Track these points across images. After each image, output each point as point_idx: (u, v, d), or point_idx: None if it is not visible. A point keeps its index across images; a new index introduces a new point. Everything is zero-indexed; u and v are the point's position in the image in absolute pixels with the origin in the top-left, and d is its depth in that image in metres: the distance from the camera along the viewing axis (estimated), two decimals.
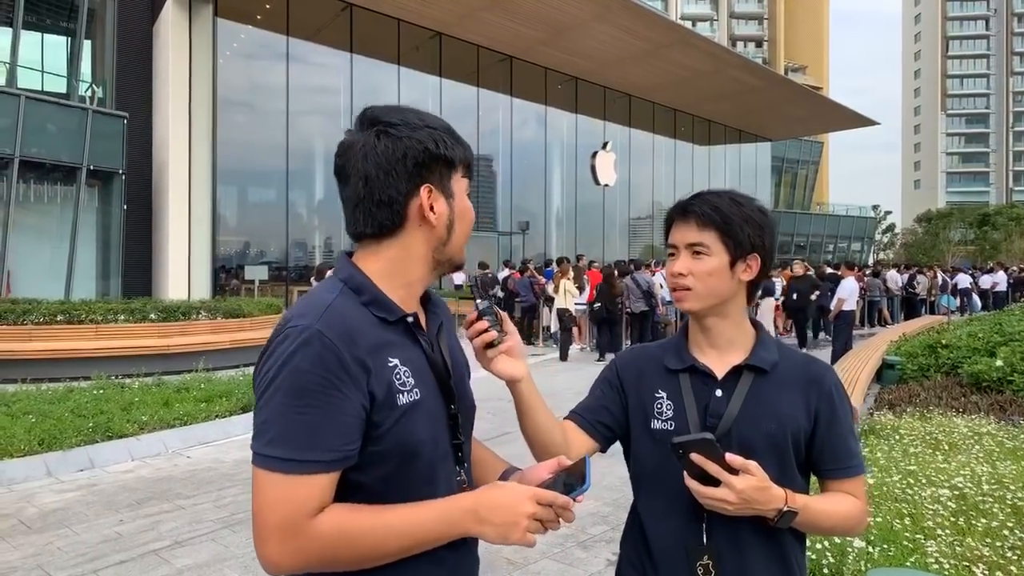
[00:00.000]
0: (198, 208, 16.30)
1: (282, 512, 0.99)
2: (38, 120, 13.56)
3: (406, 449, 1.07)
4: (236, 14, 17.33)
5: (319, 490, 1.01)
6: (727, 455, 1.20)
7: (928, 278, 20.64)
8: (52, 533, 4.22)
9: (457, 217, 1.17)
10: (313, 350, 1.01)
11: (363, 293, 1.12)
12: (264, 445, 1.00)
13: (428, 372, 1.14)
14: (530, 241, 24.58)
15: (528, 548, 1.21)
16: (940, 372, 8.05)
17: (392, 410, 1.06)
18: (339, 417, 1.01)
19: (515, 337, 1.22)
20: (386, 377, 1.06)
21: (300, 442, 0.99)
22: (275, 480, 0.99)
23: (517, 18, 19.58)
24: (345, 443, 1.02)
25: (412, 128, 1.12)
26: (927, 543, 3.13)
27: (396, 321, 1.12)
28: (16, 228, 13.64)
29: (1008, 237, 46.25)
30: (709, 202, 1.35)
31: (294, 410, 0.99)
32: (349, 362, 1.02)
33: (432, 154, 1.12)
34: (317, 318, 1.04)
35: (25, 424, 5.77)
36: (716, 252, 1.34)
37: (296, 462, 0.99)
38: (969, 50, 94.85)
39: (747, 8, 77.85)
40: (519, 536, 1.03)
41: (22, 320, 9.51)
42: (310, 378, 1.00)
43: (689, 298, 1.36)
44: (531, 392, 1.27)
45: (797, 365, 1.38)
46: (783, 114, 30.36)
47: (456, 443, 1.17)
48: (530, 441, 1.32)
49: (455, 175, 1.17)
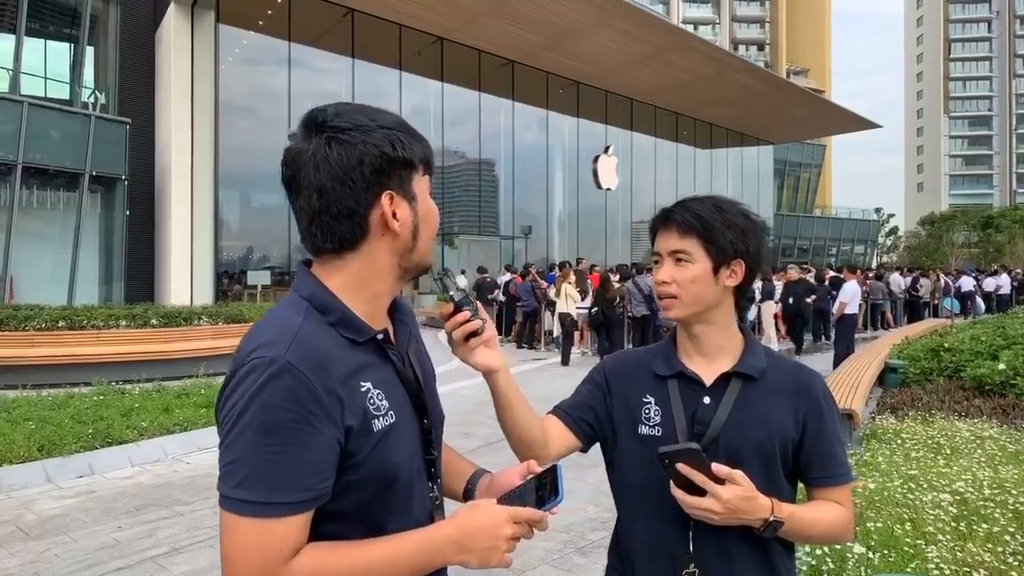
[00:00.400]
0: (200, 213, 16.34)
1: (257, 559, 0.92)
2: (41, 126, 13.61)
3: (385, 475, 1.03)
4: (238, 20, 17.40)
5: (294, 532, 0.94)
6: (713, 465, 1.19)
7: (931, 281, 20.57)
8: (50, 540, 4.21)
9: (422, 221, 1.09)
10: (284, 384, 0.93)
11: (329, 312, 1.04)
12: (233, 488, 0.92)
13: (400, 389, 1.09)
14: (532, 245, 24.59)
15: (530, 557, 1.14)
16: (943, 375, 8.01)
17: (368, 437, 1.00)
18: (313, 455, 0.94)
19: (491, 327, 1.20)
20: (360, 404, 1.00)
21: (273, 483, 0.92)
22: (247, 525, 0.92)
23: (519, 23, 19.63)
24: (320, 480, 0.95)
25: (365, 131, 1.03)
26: (928, 549, 3.11)
27: (366, 341, 1.05)
28: (19, 234, 13.69)
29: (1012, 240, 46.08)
30: (690, 209, 1.35)
31: (265, 449, 0.92)
32: (322, 395, 0.95)
33: (390, 158, 1.03)
34: (286, 347, 0.96)
35: (25, 430, 5.77)
36: (699, 259, 1.33)
37: (270, 504, 0.92)
38: (971, 52, 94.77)
39: (749, 12, 77.96)
40: (499, 559, 1.01)
41: (24, 326, 9.52)
42: (281, 414, 0.92)
43: (675, 306, 1.36)
44: (508, 383, 1.25)
45: (786, 372, 1.37)
46: (785, 117, 30.34)
47: (429, 458, 1.13)
48: (508, 435, 1.31)
49: (415, 175, 1.08)
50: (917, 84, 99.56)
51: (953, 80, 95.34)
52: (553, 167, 25.81)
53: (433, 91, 21.46)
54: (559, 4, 18.46)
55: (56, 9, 16.48)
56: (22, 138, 13.10)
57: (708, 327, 1.37)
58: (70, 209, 14.56)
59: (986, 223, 50.62)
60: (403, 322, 1.18)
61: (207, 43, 16.54)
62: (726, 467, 1.19)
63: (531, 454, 1.31)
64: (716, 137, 32.26)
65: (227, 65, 17.23)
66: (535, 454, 1.31)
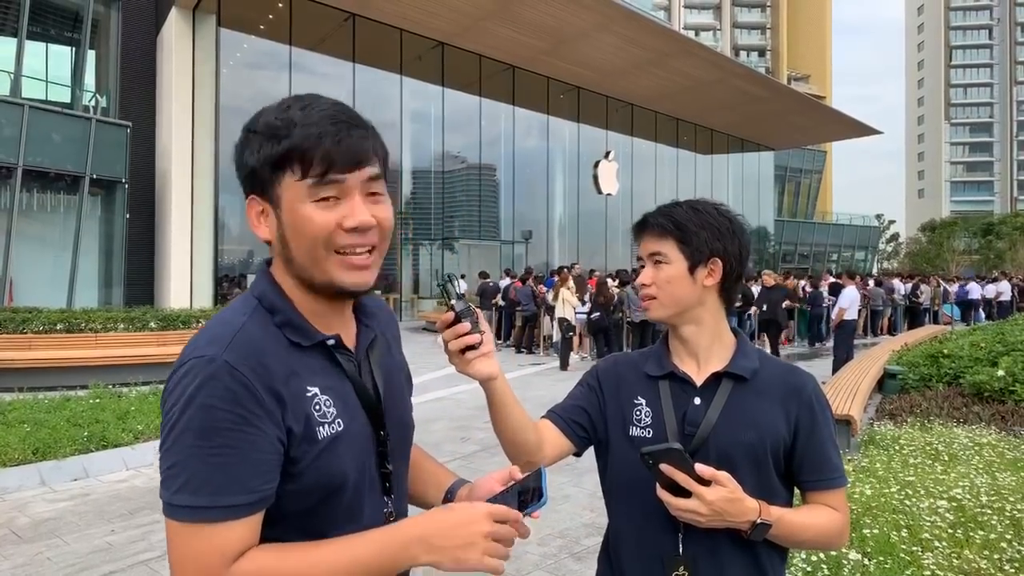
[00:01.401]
0: (200, 217, 16.36)
1: (202, 565, 0.89)
2: (42, 129, 13.64)
3: (329, 484, 0.98)
4: (239, 24, 17.45)
5: (238, 536, 0.90)
6: (697, 465, 1.18)
7: (931, 287, 20.55)
8: (43, 543, 4.19)
9: (288, 229, 0.97)
10: (221, 384, 0.90)
11: (276, 313, 1.00)
12: (175, 493, 0.89)
13: (353, 398, 1.03)
14: (533, 250, 24.59)
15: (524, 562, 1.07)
16: (942, 382, 7.99)
17: (312, 444, 0.96)
18: (255, 455, 0.91)
19: (490, 338, 1.19)
20: (304, 408, 0.96)
21: (214, 487, 0.89)
22: (190, 531, 0.89)
23: (520, 28, 19.67)
24: (264, 482, 0.92)
25: (245, 133, 1.00)
26: (924, 555, 3.09)
27: (313, 345, 1.01)
28: (19, 237, 13.70)
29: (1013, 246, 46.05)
30: (665, 212, 1.38)
31: (205, 452, 0.89)
32: (263, 394, 0.92)
33: (244, 164, 0.99)
34: (224, 346, 0.93)
35: (20, 433, 5.75)
36: (674, 260, 1.35)
37: (212, 509, 0.89)
38: (972, 59, 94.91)
39: (750, 18, 78.12)
40: (477, 559, 0.93)
41: (22, 329, 9.52)
42: (220, 415, 0.89)
43: (654, 306, 1.38)
44: (504, 390, 1.25)
45: (778, 374, 1.36)
46: (786, 123, 30.37)
47: (384, 472, 1.07)
48: (502, 439, 1.30)
49: (280, 181, 0.97)
50: (918, 91, 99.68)
51: (954, 87, 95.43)
52: (554, 172, 25.84)
53: (434, 96, 21.49)
54: (560, 9, 18.50)
55: (58, 13, 16.54)
56: (23, 141, 13.12)
57: (695, 328, 1.37)
58: (70, 212, 14.58)
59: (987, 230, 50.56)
60: (367, 326, 1.12)
61: (208, 47, 16.58)
62: (710, 468, 1.18)
63: (525, 458, 1.30)
64: (717, 143, 32.30)
65: (228, 69, 17.28)
66: (529, 458, 1.31)
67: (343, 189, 0.96)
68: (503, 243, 24.00)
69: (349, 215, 0.96)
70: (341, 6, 18.11)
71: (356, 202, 0.97)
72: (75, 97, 16.40)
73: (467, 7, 18.35)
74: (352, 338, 1.09)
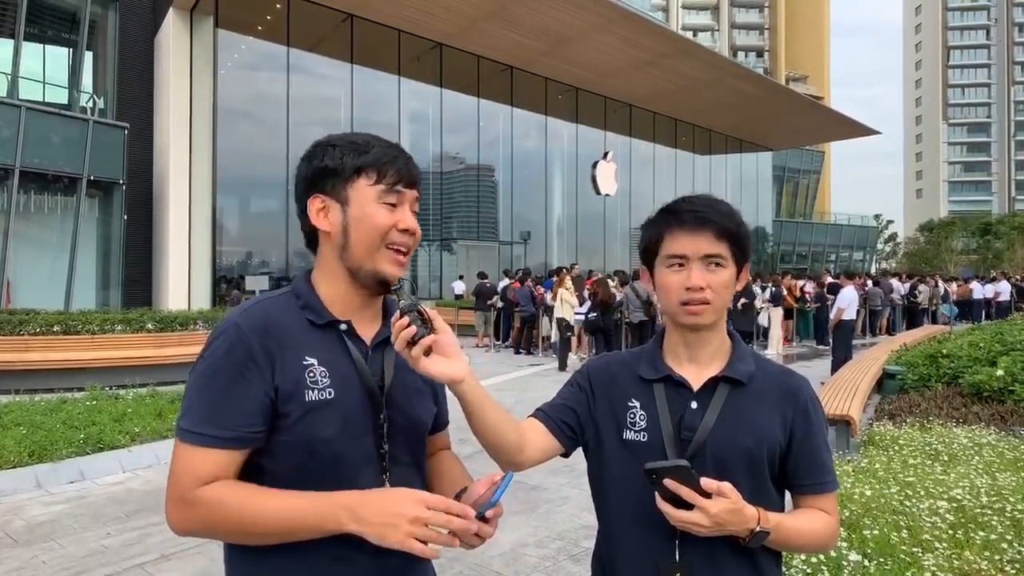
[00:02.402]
0: (198, 218, 16.33)
1: (181, 481, 1.09)
2: (39, 131, 13.62)
3: (311, 444, 1.13)
4: (237, 25, 17.43)
5: (213, 464, 1.09)
6: (702, 479, 1.16)
7: (930, 287, 20.56)
8: (38, 546, 4.16)
9: (352, 222, 1.20)
10: (228, 339, 1.13)
11: (300, 298, 1.22)
12: (179, 418, 1.12)
13: (353, 377, 1.18)
14: (531, 251, 24.58)
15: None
16: (941, 382, 7.97)
17: (299, 404, 1.12)
18: (241, 400, 1.10)
19: (446, 336, 1.16)
20: (295, 371, 1.14)
21: (202, 417, 1.10)
22: (181, 450, 1.10)
23: (518, 29, 19.67)
24: (246, 424, 1.10)
25: (319, 147, 1.24)
26: (924, 557, 3.07)
27: (325, 325, 1.19)
28: (16, 238, 13.67)
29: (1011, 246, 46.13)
30: (720, 211, 1.31)
31: (205, 390, 1.11)
32: (258, 351, 1.12)
33: (316, 167, 1.22)
34: (241, 312, 1.17)
35: (16, 435, 5.72)
36: (729, 264, 1.31)
37: (197, 434, 1.09)
38: (970, 59, 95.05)
39: (748, 19, 78.23)
40: (398, 538, 1.03)
41: (19, 330, 9.48)
42: (220, 363, 1.11)
43: (708, 312, 1.30)
44: (475, 392, 1.20)
45: (773, 377, 1.35)
46: (784, 124, 30.39)
47: (382, 452, 1.19)
48: (481, 441, 1.26)
49: (353, 183, 1.21)
50: (916, 91, 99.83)
51: (952, 87, 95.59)
52: (552, 173, 25.84)
53: (432, 97, 21.48)
54: (558, 10, 18.51)
55: (55, 14, 16.52)
56: (20, 142, 13.10)
57: (714, 333, 1.35)
58: (68, 213, 14.55)
59: (985, 229, 50.66)
60: (388, 326, 1.23)
61: (206, 48, 16.56)
62: (715, 481, 1.17)
63: (506, 459, 1.28)
64: (715, 143, 32.31)
65: (226, 70, 17.25)
66: (510, 458, 1.28)
67: (401, 199, 1.22)
68: (502, 244, 23.99)
69: (403, 220, 1.22)
70: (339, 6, 18.09)
71: (408, 212, 1.23)
72: (72, 98, 16.38)
73: (465, 8, 18.34)
74: (372, 332, 1.25)
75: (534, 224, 24.99)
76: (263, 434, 1.12)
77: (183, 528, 1.11)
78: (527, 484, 5.30)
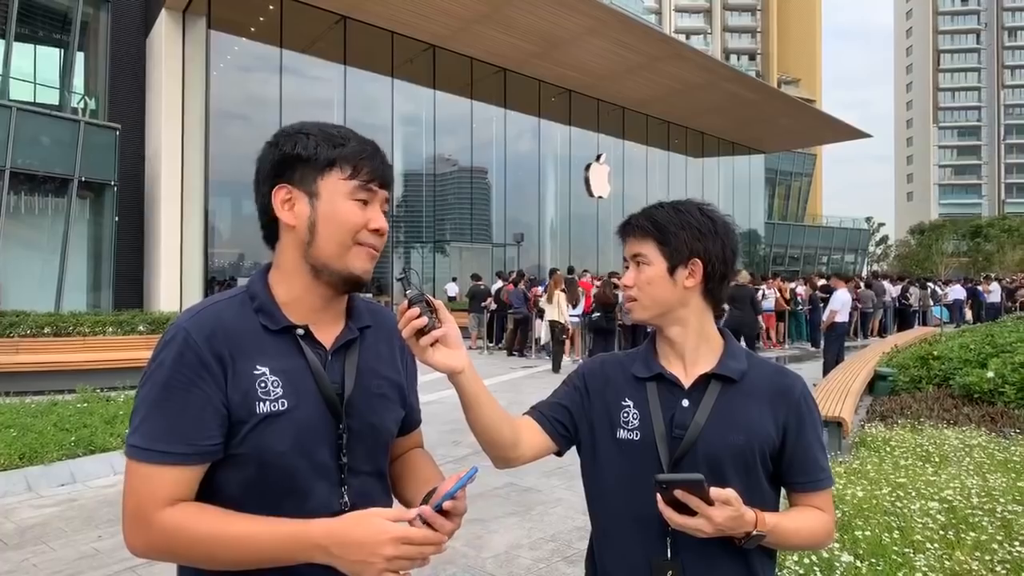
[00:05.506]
0: (190, 220, 16.25)
1: (135, 500, 1.02)
2: (30, 132, 13.51)
3: (263, 458, 1.07)
4: (229, 26, 17.36)
5: (172, 483, 1.02)
6: (712, 490, 1.16)
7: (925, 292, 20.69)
8: (29, 549, 4.14)
9: (321, 218, 1.12)
10: (177, 347, 1.05)
11: (255, 299, 1.15)
12: (129, 434, 1.05)
13: (310, 385, 1.11)
14: (524, 253, 24.56)
15: (517, 566, 1.09)
16: (932, 384, 8.02)
17: (250, 415, 1.06)
18: (197, 412, 1.03)
19: (452, 327, 1.16)
20: (246, 382, 1.07)
21: (157, 433, 1.02)
22: (133, 468, 1.03)
23: (511, 31, 19.67)
24: (204, 438, 1.04)
25: (285, 135, 1.15)
26: (916, 557, 3.09)
27: (280, 330, 1.12)
28: (7, 240, 13.56)
29: (1001, 249, 46.46)
30: (647, 214, 1.38)
31: (156, 403, 1.04)
32: (210, 360, 1.05)
33: (285, 154, 1.14)
34: (190, 318, 1.09)
35: (6, 438, 5.68)
36: (655, 261, 1.35)
37: (151, 451, 1.02)
38: (960, 63, 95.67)
39: (740, 22, 78.56)
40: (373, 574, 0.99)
41: (9, 332, 9.43)
42: (171, 374, 1.04)
43: (636, 308, 1.38)
44: (473, 384, 1.21)
45: (766, 375, 1.35)
46: (776, 127, 30.50)
47: (341, 463, 1.12)
48: (476, 435, 1.28)
49: (325, 176, 1.13)
50: (907, 95, 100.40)
51: (942, 91, 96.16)
52: (545, 175, 25.85)
53: (425, 99, 21.46)
54: (552, 13, 18.53)
55: (46, 14, 16.41)
56: (10, 143, 12.99)
57: (680, 329, 1.36)
58: (58, 215, 14.45)
59: (975, 232, 50.99)
60: (350, 328, 1.20)
61: (198, 49, 16.49)
62: (723, 491, 1.17)
63: (500, 454, 1.29)
64: (708, 146, 32.40)
65: (218, 72, 17.18)
66: (504, 454, 1.30)
67: (373, 197, 1.16)
68: (495, 246, 23.98)
69: (375, 219, 1.15)
70: (332, 8, 18.06)
71: (379, 211, 1.17)
72: (64, 99, 16.28)
73: (458, 10, 18.34)
74: (333, 336, 1.18)
75: (527, 226, 24.98)
76: (222, 447, 1.05)
77: (144, 552, 1.04)
78: (521, 486, 5.31)
